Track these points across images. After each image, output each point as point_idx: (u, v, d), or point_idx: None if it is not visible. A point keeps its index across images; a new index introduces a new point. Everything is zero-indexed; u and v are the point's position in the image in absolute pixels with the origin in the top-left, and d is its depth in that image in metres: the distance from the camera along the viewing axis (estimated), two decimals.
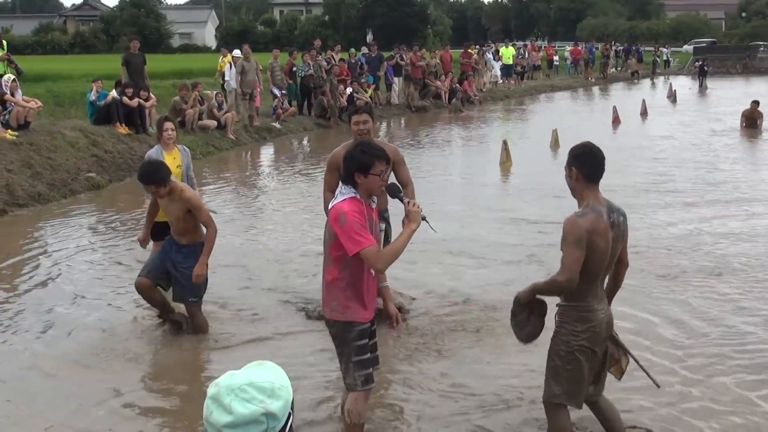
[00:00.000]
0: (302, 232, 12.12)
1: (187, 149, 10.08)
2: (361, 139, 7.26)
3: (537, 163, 18.52)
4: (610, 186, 14.32)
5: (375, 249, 5.07)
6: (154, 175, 7.62)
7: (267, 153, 22.11)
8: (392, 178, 5.40)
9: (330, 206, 5.26)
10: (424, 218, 5.16)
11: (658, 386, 5.77)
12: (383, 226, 7.12)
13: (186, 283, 7.82)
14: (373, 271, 5.27)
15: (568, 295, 5.14)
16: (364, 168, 5.11)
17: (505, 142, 18.65)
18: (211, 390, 2.42)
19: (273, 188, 16.64)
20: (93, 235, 12.37)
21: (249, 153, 21.87)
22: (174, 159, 9.75)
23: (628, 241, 5.29)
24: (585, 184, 5.10)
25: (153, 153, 9.72)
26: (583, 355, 5.14)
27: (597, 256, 4.99)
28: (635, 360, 5.57)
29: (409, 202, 5.19)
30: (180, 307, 8.11)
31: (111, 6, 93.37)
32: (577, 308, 5.13)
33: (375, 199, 5.31)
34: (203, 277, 7.77)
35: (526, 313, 5.45)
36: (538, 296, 5.38)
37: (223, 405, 2.37)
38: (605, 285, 5.33)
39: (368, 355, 5.36)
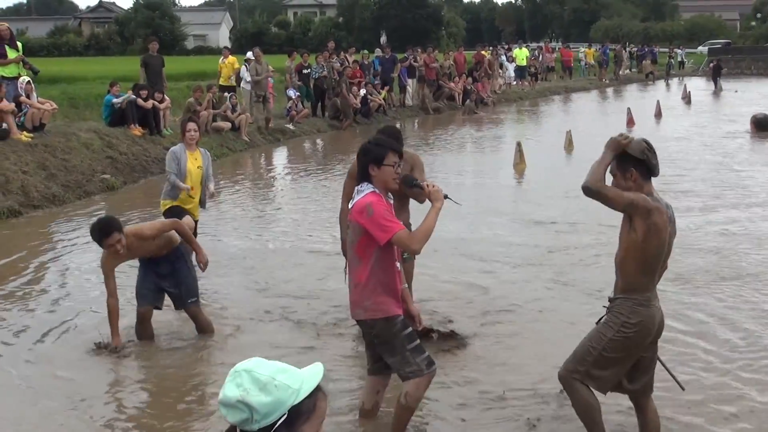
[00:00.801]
0: (312, 233, 12.13)
1: (209, 153, 10.16)
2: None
3: (551, 165, 18.48)
4: None
5: (407, 232, 5.12)
6: (112, 223, 7.36)
7: (280, 154, 22.14)
8: None
9: (350, 206, 5.27)
10: (446, 195, 5.21)
11: (683, 388, 5.74)
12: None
13: (182, 286, 7.78)
14: (398, 265, 5.30)
15: (631, 286, 5.12)
16: (378, 159, 5.17)
17: (518, 144, 18.61)
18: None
19: (285, 189, 16.65)
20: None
21: (263, 154, 21.89)
22: (195, 160, 9.83)
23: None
24: (643, 180, 5.10)
25: (177, 150, 9.81)
26: (628, 346, 5.13)
27: (658, 244, 5.00)
28: (661, 362, 5.54)
29: (428, 185, 5.23)
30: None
31: (126, 8, 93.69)
32: (635, 300, 5.11)
33: (391, 196, 5.32)
34: (207, 261, 7.90)
35: None
36: None
37: (226, 382, 2.47)
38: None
39: (419, 340, 5.37)
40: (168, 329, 8.14)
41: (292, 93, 25.70)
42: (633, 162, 5.09)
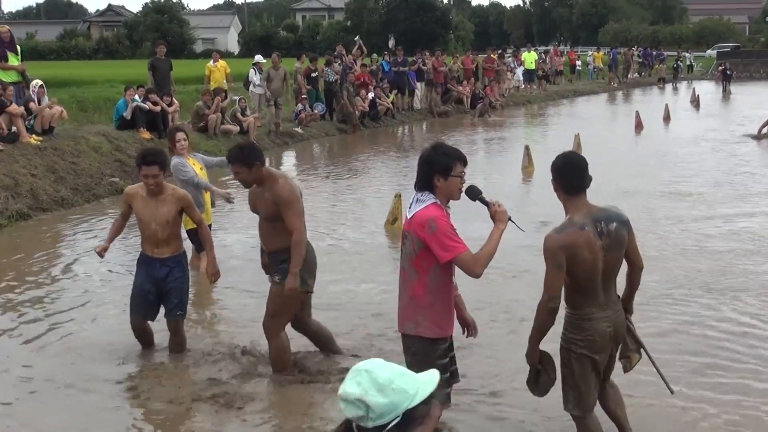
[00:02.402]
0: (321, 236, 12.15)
1: (196, 153, 10.42)
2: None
3: None
4: (636, 190, 14.29)
5: (471, 254, 4.93)
6: (161, 154, 7.28)
7: (288, 158, 22.16)
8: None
9: (409, 215, 5.10)
10: (510, 218, 5.08)
11: (672, 392, 5.73)
12: (277, 278, 6.74)
13: (177, 297, 7.44)
14: (454, 279, 5.19)
15: (568, 303, 5.12)
16: (445, 170, 5.01)
17: (527, 147, 18.62)
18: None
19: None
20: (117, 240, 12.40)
21: (271, 158, 21.91)
22: (195, 165, 9.87)
23: (636, 244, 5.20)
24: (566, 196, 5.03)
25: (181, 161, 9.78)
26: (584, 362, 5.10)
27: (583, 269, 4.92)
28: (652, 361, 5.52)
29: (493, 204, 5.09)
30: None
31: (135, 12, 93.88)
32: (574, 316, 5.10)
33: (450, 205, 5.18)
34: (219, 273, 7.52)
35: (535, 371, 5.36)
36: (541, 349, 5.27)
37: (347, 378, 2.62)
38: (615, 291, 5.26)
39: (448, 373, 5.24)
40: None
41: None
42: (552, 174, 5.08)
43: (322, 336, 7.34)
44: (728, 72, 46.06)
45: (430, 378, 2.62)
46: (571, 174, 5.02)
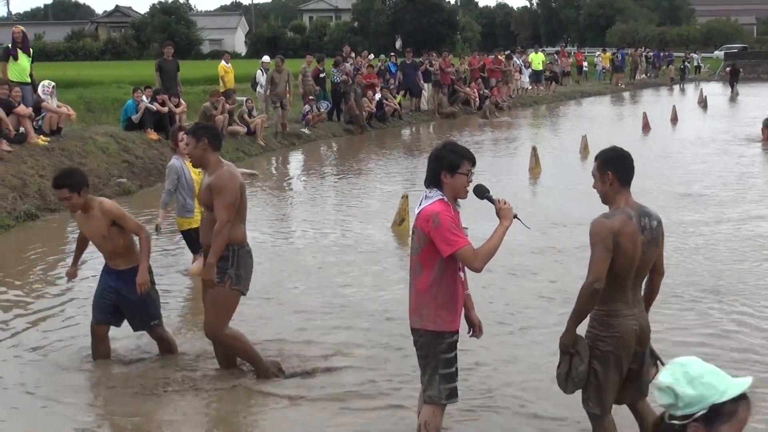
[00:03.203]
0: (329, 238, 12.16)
1: None
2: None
3: (567, 169, 18.46)
4: (643, 191, 14.27)
5: (472, 248, 5.01)
6: (69, 176, 7.09)
7: (296, 159, 22.18)
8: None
9: (417, 211, 5.19)
10: (515, 216, 5.13)
11: None
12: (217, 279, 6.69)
13: (138, 310, 7.28)
14: (462, 274, 5.23)
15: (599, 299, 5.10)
16: (452, 167, 5.09)
17: (534, 148, 18.62)
18: None
19: (300, 193, 16.67)
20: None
21: (278, 159, 21.93)
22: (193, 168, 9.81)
23: (663, 250, 5.25)
24: (618, 187, 5.10)
25: (177, 165, 9.68)
26: (608, 361, 5.10)
27: (623, 259, 4.96)
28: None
29: (499, 201, 5.15)
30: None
31: (142, 12, 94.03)
32: (602, 312, 5.09)
33: (459, 203, 5.24)
34: (147, 284, 7.10)
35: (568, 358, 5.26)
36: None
37: (664, 369, 2.88)
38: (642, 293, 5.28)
39: (455, 368, 5.27)
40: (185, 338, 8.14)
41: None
42: (608, 166, 5.11)
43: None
44: (737, 73, 45.73)
45: (743, 381, 2.77)
46: (628, 166, 5.14)
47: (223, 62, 24.30)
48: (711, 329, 8.13)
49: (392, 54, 32.38)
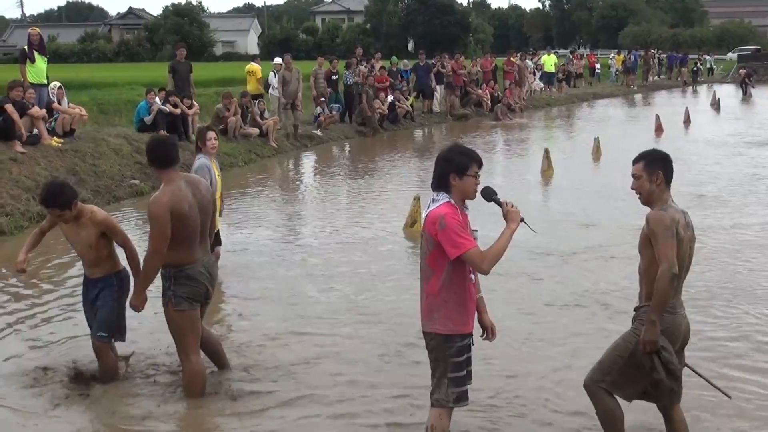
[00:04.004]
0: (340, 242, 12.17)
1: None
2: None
3: (579, 172, 18.43)
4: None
5: (479, 250, 5.01)
6: (58, 196, 6.69)
7: (308, 160, 22.19)
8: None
9: (424, 214, 5.21)
10: (522, 219, 5.13)
11: (730, 397, 5.69)
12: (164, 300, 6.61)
13: (100, 318, 6.91)
14: (473, 276, 5.23)
15: (652, 294, 5.10)
16: (461, 169, 5.10)
17: (546, 150, 18.59)
18: None
19: (311, 195, 16.68)
20: (135, 242, 12.47)
21: (290, 160, 21.95)
22: (217, 168, 9.83)
23: None
24: (665, 187, 5.23)
25: (206, 161, 9.62)
26: (652, 358, 5.11)
27: (681, 251, 5.05)
28: (698, 374, 5.51)
29: (506, 204, 5.15)
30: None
31: (155, 15, 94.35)
32: None
33: (467, 205, 5.25)
34: (142, 307, 6.66)
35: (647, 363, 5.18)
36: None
37: None
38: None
39: (464, 372, 5.27)
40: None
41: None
42: (659, 166, 5.20)
43: (209, 345, 7.09)
44: (750, 75, 45.51)
45: None
46: (671, 166, 5.30)
47: (254, 63, 25.31)
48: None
49: (405, 61, 32.37)
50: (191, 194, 6.42)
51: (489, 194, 5.25)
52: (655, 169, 5.19)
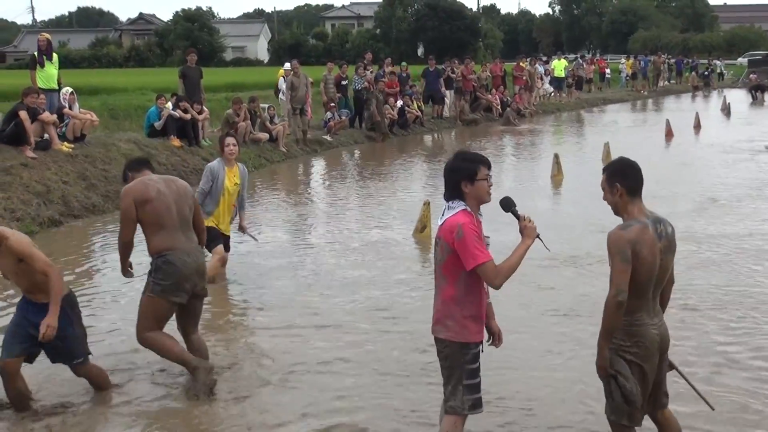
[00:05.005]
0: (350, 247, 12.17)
1: (245, 169, 10.23)
2: None
3: (589, 177, 18.37)
4: (666, 198, 14.19)
5: (493, 264, 4.98)
6: None
7: (318, 166, 22.21)
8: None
9: (439, 222, 5.16)
10: (538, 236, 5.10)
11: (713, 408, 5.66)
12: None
13: (61, 345, 6.54)
14: (487, 286, 5.20)
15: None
16: (471, 175, 5.07)
17: (556, 156, 18.57)
18: None
19: (321, 200, 16.69)
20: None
21: (300, 166, 21.97)
22: (234, 176, 9.89)
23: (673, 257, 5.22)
24: (629, 198, 5.09)
25: (216, 166, 9.82)
26: (633, 371, 5.07)
27: (644, 268, 4.94)
28: (686, 380, 5.48)
29: (524, 218, 5.12)
30: None
31: (165, 20, 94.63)
32: (626, 322, 5.02)
33: (481, 211, 5.22)
34: (54, 327, 6.31)
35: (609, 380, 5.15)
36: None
37: None
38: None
39: (479, 378, 5.25)
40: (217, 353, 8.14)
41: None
42: (615, 177, 5.10)
43: (199, 354, 7.14)
44: (755, 92, 45.27)
45: None
46: (635, 176, 5.12)
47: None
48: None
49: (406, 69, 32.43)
50: (164, 185, 6.93)
51: (508, 205, 5.23)
52: (613, 180, 5.10)
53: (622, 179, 5.09)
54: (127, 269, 7.28)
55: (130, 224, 6.85)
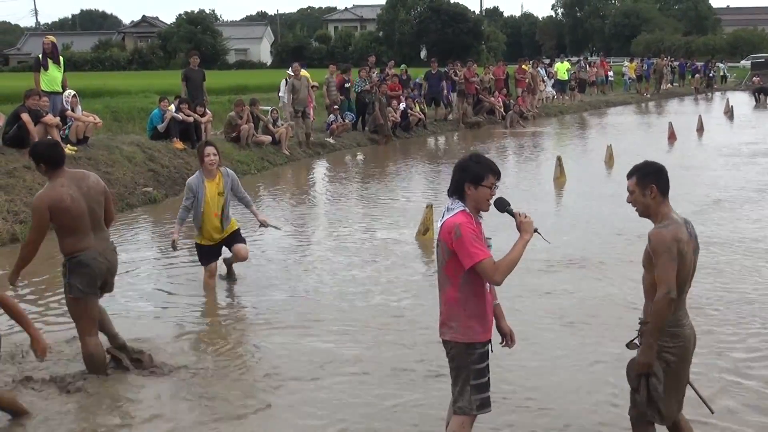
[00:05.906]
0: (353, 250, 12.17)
1: (230, 171, 10.00)
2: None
3: (592, 179, 18.39)
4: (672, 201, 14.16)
5: (492, 261, 5.00)
6: None
7: (320, 168, 22.20)
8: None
9: (439, 223, 5.20)
10: (536, 230, 5.13)
11: (712, 412, 5.66)
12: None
13: None
14: (488, 286, 5.21)
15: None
16: (477, 179, 5.09)
17: (559, 158, 18.57)
18: None
19: (324, 202, 16.68)
20: (148, 249, 12.52)
21: (303, 168, 21.96)
22: (217, 185, 9.67)
23: None
24: (662, 199, 5.15)
25: (194, 182, 9.62)
26: (672, 370, 5.09)
27: (684, 267, 5.00)
28: (689, 383, 5.48)
29: (520, 215, 5.14)
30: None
31: (168, 23, 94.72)
32: (669, 323, 5.05)
33: (482, 215, 5.24)
34: (45, 348, 6.19)
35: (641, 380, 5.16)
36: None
37: None
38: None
39: (486, 378, 5.26)
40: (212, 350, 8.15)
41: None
42: (651, 179, 5.14)
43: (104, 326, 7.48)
44: (758, 94, 45.21)
45: None
46: (667, 178, 5.21)
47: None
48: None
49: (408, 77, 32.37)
50: (76, 188, 6.91)
51: (502, 205, 5.23)
52: (647, 182, 5.13)
53: (658, 180, 5.15)
54: (17, 279, 7.23)
55: (43, 230, 6.93)
